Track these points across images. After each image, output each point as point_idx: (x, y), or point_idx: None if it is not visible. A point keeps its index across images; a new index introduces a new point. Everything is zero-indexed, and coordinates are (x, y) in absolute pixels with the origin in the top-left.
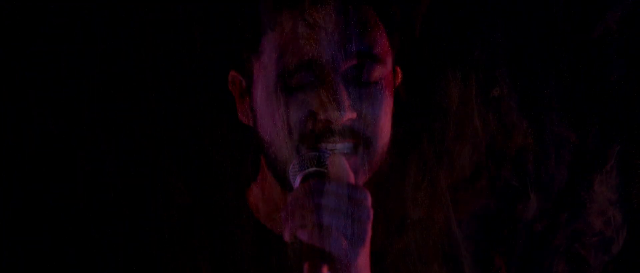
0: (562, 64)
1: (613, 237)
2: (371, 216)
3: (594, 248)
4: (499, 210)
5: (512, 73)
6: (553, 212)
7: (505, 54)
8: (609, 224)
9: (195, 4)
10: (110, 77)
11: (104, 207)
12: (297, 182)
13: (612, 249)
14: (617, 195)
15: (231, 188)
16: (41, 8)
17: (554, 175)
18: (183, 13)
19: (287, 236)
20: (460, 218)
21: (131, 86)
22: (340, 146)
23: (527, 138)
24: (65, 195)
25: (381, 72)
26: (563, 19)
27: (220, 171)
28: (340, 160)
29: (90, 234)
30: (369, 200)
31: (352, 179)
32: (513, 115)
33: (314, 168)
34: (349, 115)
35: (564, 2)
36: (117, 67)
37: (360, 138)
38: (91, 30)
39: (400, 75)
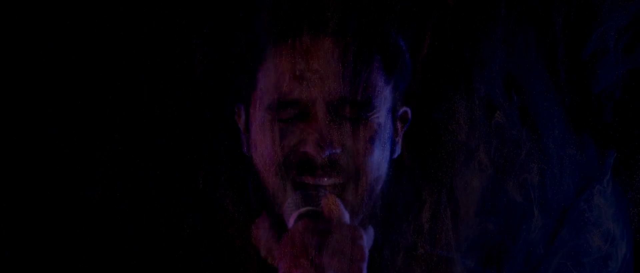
0: (560, 72)
1: (610, 253)
2: (366, 257)
3: (591, 268)
4: (500, 231)
5: (512, 90)
6: (554, 228)
7: (504, 73)
8: (607, 239)
9: (196, 4)
10: (110, 78)
11: (104, 207)
12: (291, 221)
13: (609, 266)
14: (616, 208)
15: (235, 223)
16: (41, 8)
17: (557, 190)
18: (185, 16)
19: None
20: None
21: (132, 86)
22: (327, 181)
23: (531, 153)
24: (65, 195)
25: (371, 112)
26: (561, 34)
27: (224, 208)
28: (334, 199)
29: (90, 234)
30: (364, 240)
31: (346, 218)
32: (515, 131)
33: (308, 208)
34: (329, 150)
35: (561, 25)
36: (117, 67)
37: (346, 174)
38: (91, 31)
39: (408, 116)
